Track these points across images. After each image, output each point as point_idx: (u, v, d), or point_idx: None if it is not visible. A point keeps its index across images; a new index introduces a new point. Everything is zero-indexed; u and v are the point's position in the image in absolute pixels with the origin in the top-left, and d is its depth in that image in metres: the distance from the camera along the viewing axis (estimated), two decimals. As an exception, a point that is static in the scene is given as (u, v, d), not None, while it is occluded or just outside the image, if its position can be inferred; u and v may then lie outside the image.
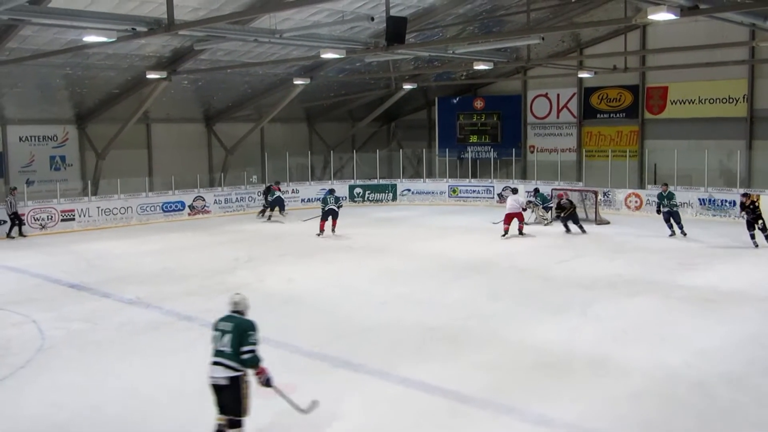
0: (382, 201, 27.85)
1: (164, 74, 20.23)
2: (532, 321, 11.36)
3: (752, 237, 17.39)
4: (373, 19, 14.97)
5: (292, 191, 26.90)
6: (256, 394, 6.89)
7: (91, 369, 9.46)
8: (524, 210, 20.13)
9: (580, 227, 20.14)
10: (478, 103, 29.77)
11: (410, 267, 15.65)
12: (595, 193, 22.83)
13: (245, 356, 6.65)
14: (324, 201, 20.42)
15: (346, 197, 27.30)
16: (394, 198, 27.99)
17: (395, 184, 28.21)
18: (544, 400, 8.09)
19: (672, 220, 19.09)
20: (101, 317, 11.93)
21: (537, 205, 22.11)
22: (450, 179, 28.10)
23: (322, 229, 20.12)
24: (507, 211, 19.69)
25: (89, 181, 23.65)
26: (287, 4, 15.36)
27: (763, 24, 13.65)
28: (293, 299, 12.90)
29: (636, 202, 23.96)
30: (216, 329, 6.84)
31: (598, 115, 27.47)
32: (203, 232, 21.49)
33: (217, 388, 6.71)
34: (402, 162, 29.32)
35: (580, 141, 27.96)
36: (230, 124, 27.50)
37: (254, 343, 6.71)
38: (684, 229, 19.03)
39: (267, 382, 6.86)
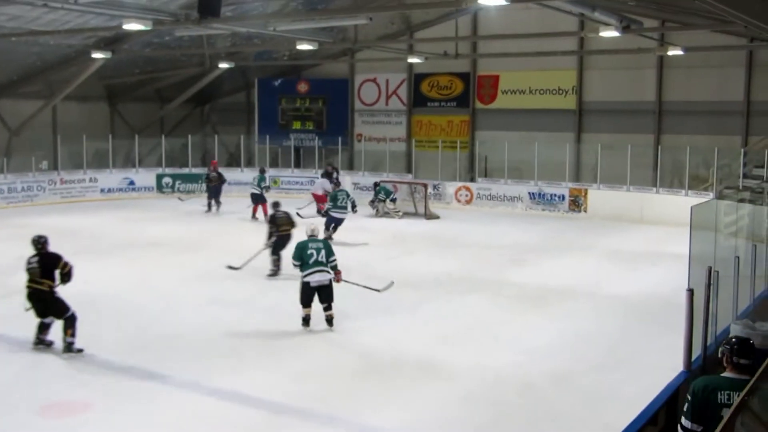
0: (194, 192, 27.20)
1: (-69, 40, 18.67)
2: (356, 323, 11.49)
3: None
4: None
5: (90, 180, 25.84)
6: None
7: None
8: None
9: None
10: (302, 87, 29.78)
11: (224, 266, 15.38)
12: (425, 186, 23.51)
13: (335, 263, 11.05)
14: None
15: (153, 187, 26.68)
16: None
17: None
18: (369, 408, 8.21)
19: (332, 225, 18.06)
20: None
21: (382, 200, 22.58)
22: (271, 169, 27.91)
23: (253, 213, 21.66)
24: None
25: None
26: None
27: (591, 14, 14.59)
28: (88, 303, 12.19)
29: (467, 195, 24.90)
30: (310, 249, 10.84)
31: (429, 104, 28.28)
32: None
33: (321, 288, 10.82)
34: (217, 149, 28.77)
35: (409, 130, 28.67)
36: (15, 101, 25.77)
37: (335, 254, 11.10)
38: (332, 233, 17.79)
39: (341, 279, 11.29)
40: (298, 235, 11.87)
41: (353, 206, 18.82)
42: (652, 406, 6.01)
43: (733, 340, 5.16)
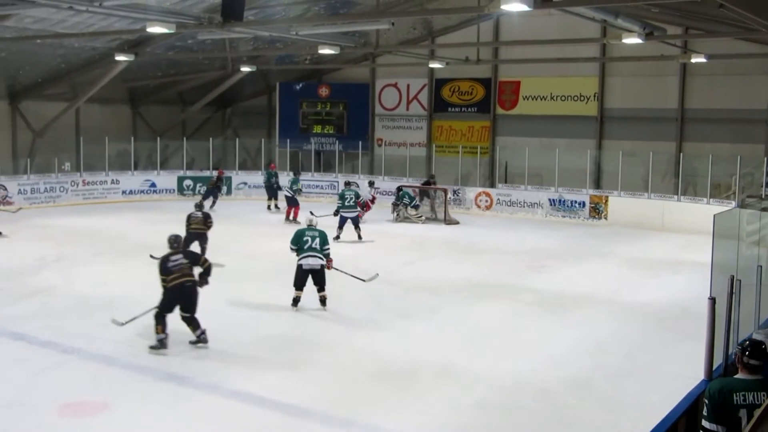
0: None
1: (-42, 42, 18.85)
2: (375, 327, 11.49)
3: None
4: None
5: (112, 181, 26.02)
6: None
7: None
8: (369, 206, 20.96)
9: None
10: (323, 91, 29.84)
11: (243, 269, 15.40)
12: (445, 192, 23.47)
13: (327, 251, 12.10)
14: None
15: (174, 190, 26.85)
16: (229, 191, 27.52)
17: (230, 177, 27.76)
18: (385, 412, 8.19)
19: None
20: None
21: (406, 206, 22.64)
22: (291, 172, 27.95)
23: (287, 216, 22.11)
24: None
25: None
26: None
27: (614, 21, 14.49)
28: (108, 305, 12.33)
29: (486, 201, 24.83)
30: (306, 236, 12.00)
31: (450, 109, 28.25)
32: (4, 226, 20.19)
33: (314, 271, 11.95)
34: (238, 152, 28.88)
35: (430, 135, 28.65)
36: (40, 103, 26.01)
37: (329, 243, 12.21)
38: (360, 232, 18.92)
39: (331, 266, 12.17)
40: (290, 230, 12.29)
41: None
42: (672, 414, 5.95)
43: (746, 342, 5.34)
